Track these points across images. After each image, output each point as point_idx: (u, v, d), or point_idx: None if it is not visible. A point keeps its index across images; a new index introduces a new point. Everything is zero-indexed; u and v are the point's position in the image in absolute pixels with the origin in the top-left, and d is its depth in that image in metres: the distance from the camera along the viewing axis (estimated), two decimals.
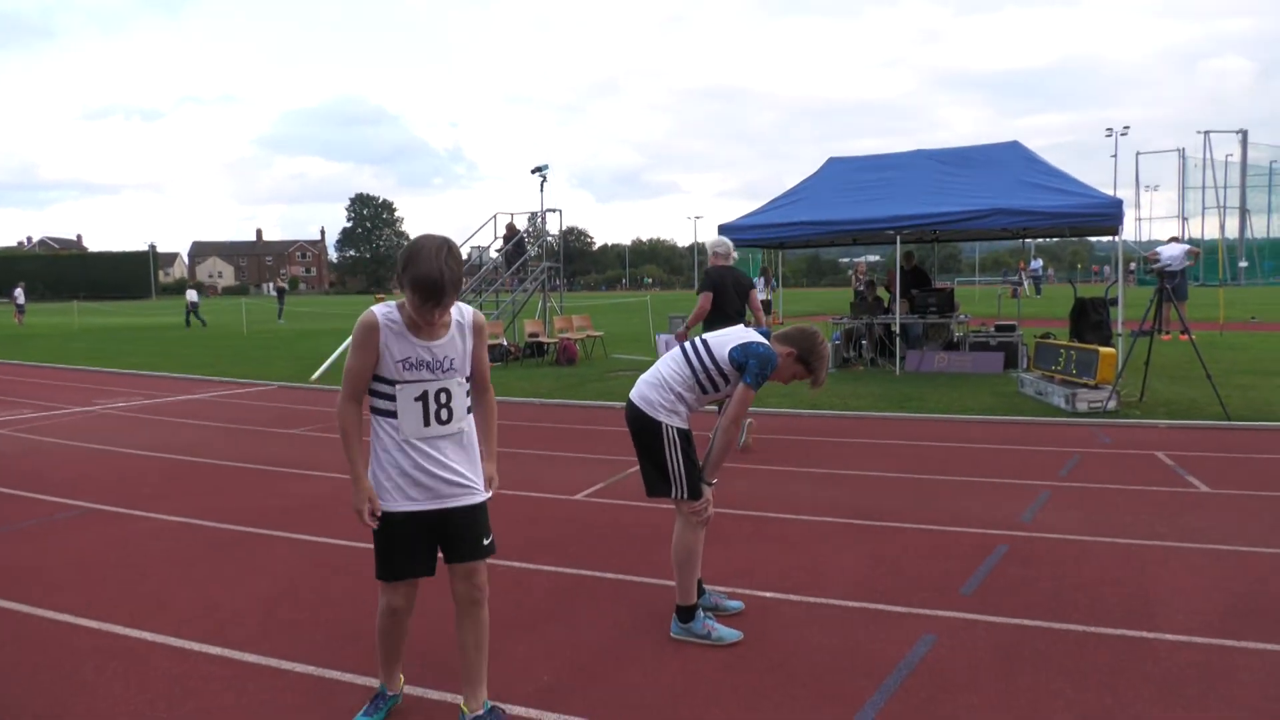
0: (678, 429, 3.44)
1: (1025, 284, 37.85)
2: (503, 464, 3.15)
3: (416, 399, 2.60)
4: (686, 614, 3.48)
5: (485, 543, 2.72)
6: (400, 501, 2.62)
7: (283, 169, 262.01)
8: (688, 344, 3.56)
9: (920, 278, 14.31)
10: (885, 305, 13.62)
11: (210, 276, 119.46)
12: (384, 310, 2.58)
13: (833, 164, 14.18)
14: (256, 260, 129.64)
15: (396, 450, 2.61)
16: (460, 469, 2.67)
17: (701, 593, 3.65)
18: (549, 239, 17.97)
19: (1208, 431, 7.71)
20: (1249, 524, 4.91)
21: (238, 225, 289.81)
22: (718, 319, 6.90)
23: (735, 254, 7.73)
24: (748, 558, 4.51)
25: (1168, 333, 14.14)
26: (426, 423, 2.61)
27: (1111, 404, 8.58)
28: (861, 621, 3.65)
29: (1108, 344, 9.97)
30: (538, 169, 16.43)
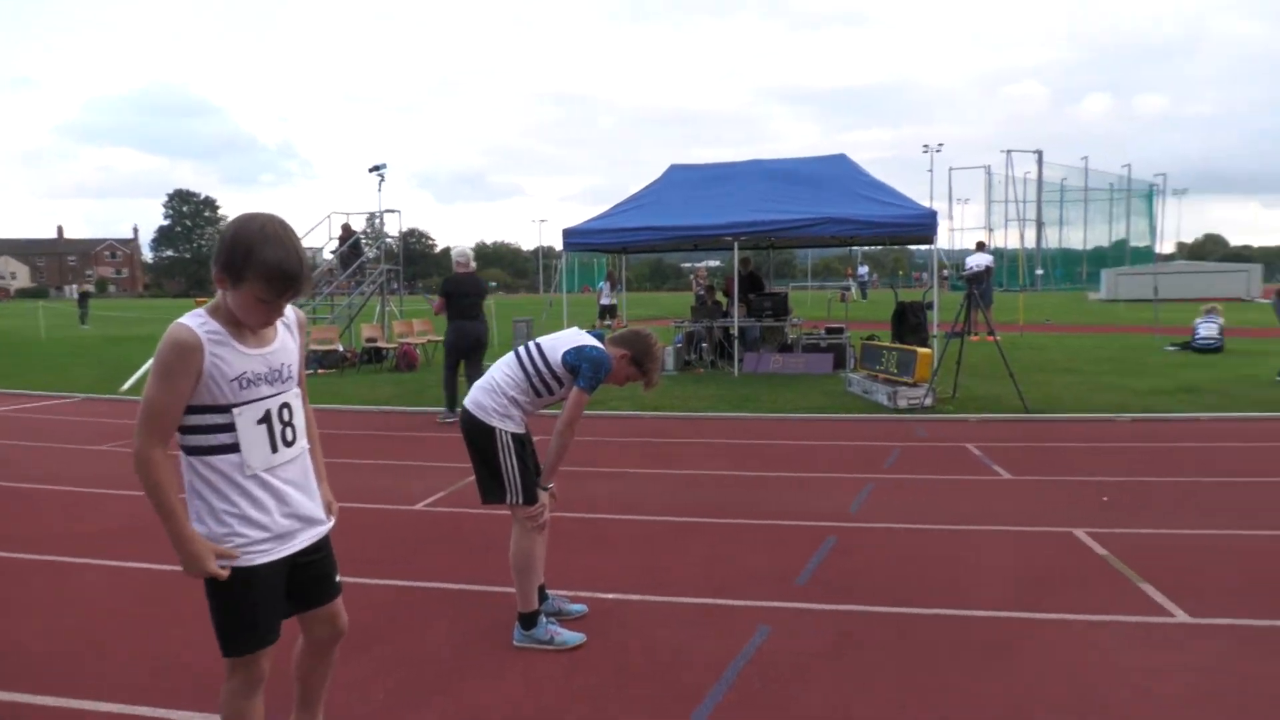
0: (512, 434, 3.40)
1: (853, 289, 40.11)
2: (338, 475, 3.00)
3: (259, 421, 2.14)
4: (529, 621, 3.44)
5: (339, 577, 2.41)
6: (256, 552, 2.14)
7: (89, 161, 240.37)
8: (521, 348, 3.54)
9: (757, 283, 14.88)
10: (724, 309, 14.07)
11: (2, 277, 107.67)
12: (197, 322, 2.06)
13: (674, 171, 14.51)
14: (58, 260, 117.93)
15: (235, 492, 2.12)
16: (308, 498, 2.29)
17: (544, 598, 3.62)
18: (388, 240, 17.38)
19: (1010, 424, 8.43)
20: (1044, 506, 5.40)
21: (36, 221, 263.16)
22: (455, 317, 8.83)
23: (474, 263, 9.24)
24: (591, 560, 4.53)
25: (976, 334, 15.37)
26: (274, 448, 2.17)
27: (928, 400, 9.22)
28: (701, 617, 3.74)
29: (925, 345, 10.73)
30: (375, 168, 15.86)
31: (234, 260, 2.00)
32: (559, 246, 13.06)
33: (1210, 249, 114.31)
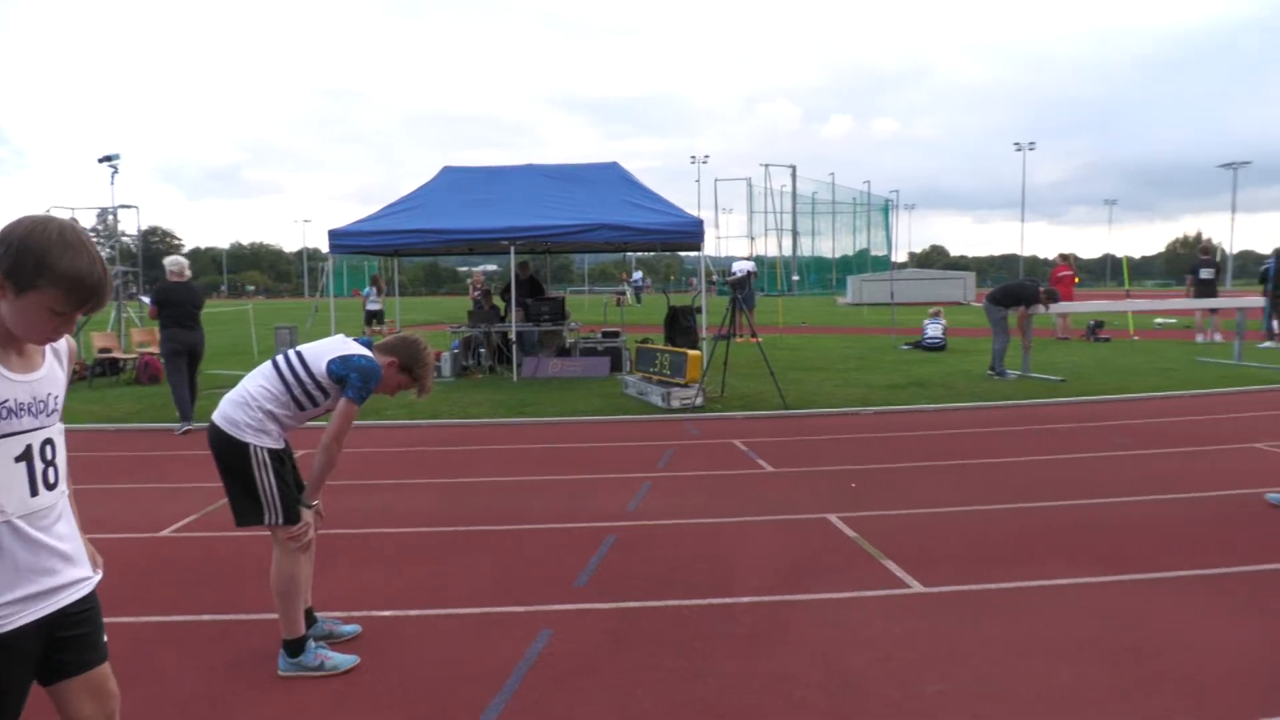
0: (268, 449, 3.18)
1: (628, 293, 41.24)
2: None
3: (19, 459, 1.82)
4: (295, 647, 3.23)
5: (105, 638, 2.04)
6: (10, 614, 1.79)
7: None
8: (280, 356, 3.31)
9: (535, 287, 14.91)
10: (502, 314, 13.97)
11: None
12: None
13: (448, 173, 14.21)
14: None
15: None
16: (71, 548, 1.94)
17: (312, 622, 3.41)
18: (124, 239, 15.63)
19: (771, 419, 9.04)
20: (802, 495, 5.84)
21: None
22: (169, 325, 8.81)
23: (189, 272, 9.23)
24: (365, 577, 4.33)
25: (741, 336, 16.36)
26: (34, 491, 1.84)
27: (699, 400, 9.69)
28: (482, 627, 3.69)
29: (695, 347, 11.26)
30: (106, 158, 14.22)
31: (21, 265, 1.70)
32: (326, 249, 12.36)
33: (935, 258, 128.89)
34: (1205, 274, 17.07)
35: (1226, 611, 3.70)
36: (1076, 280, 19.91)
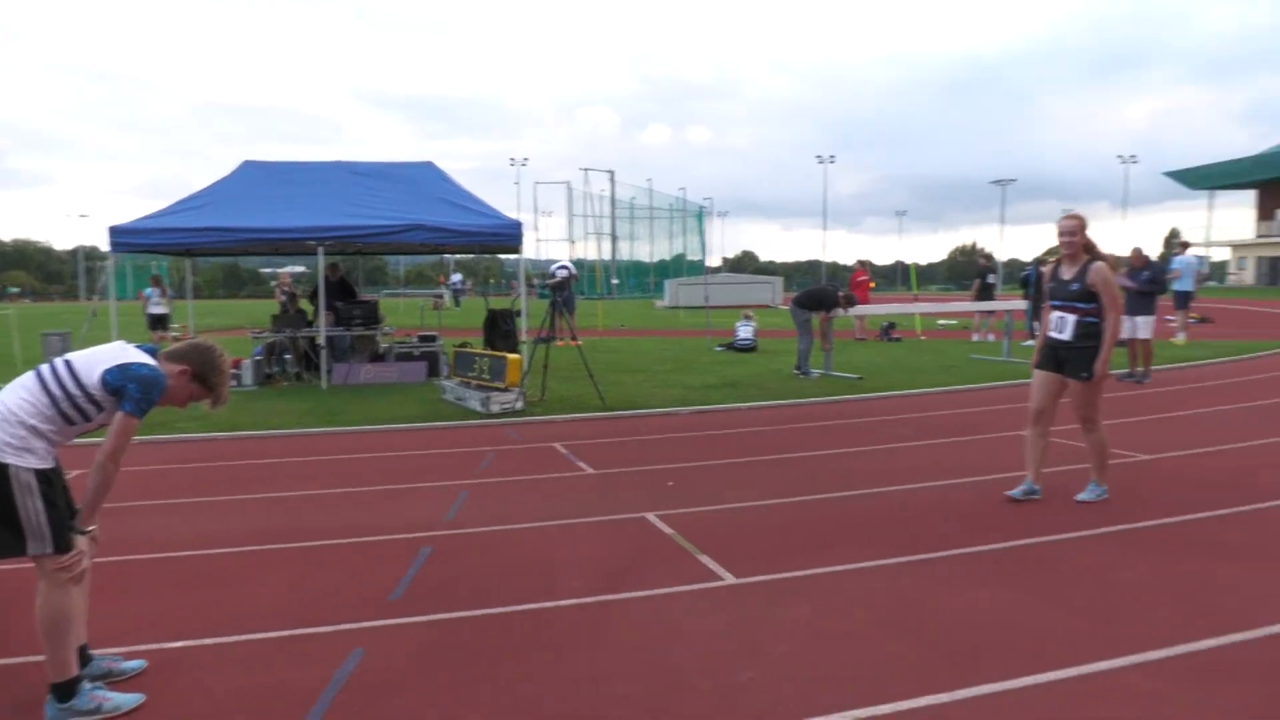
0: (34, 470, 2.84)
1: (446, 297, 40.29)
2: None
3: None
4: (66, 691, 2.90)
5: None
6: None
7: None
8: (45, 366, 2.97)
9: (347, 289, 14.25)
10: (309, 318, 13.25)
11: None
12: None
13: (248, 168, 13.30)
14: None
15: None
16: None
17: (87, 661, 3.08)
18: None
19: (592, 421, 9.12)
20: (622, 495, 5.92)
21: None
22: None
23: None
24: (152, 606, 3.96)
25: (561, 340, 16.40)
26: None
27: (519, 404, 9.61)
28: (285, 651, 3.47)
29: (515, 351, 11.16)
30: None
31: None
32: (105, 246, 11.22)
33: (746, 263, 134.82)
34: (990, 279, 19.13)
35: (996, 584, 4.10)
36: (872, 285, 21.49)
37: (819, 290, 13.28)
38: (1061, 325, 5.41)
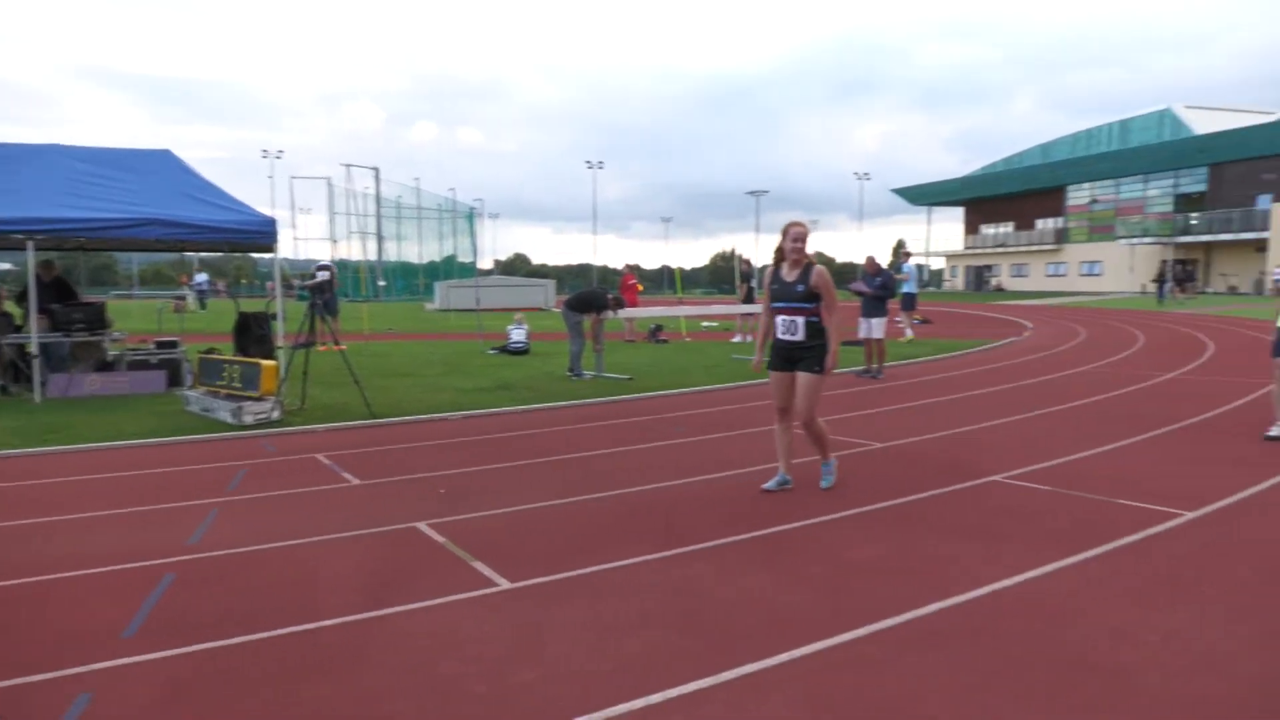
0: None
1: (189, 298, 36.80)
2: None
3: None
4: None
5: None
6: None
7: None
8: None
9: (64, 290, 12.59)
10: (17, 323, 11.57)
11: None
12: None
13: None
14: None
15: None
16: None
17: None
18: None
19: (358, 430, 8.70)
20: (391, 506, 5.70)
21: None
22: None
23: None
24: None
25: (324, 344, 15.49)
26: None
27: (276, 414, 8.97)
28: None
29: (270, 357, 10.39)
30: None
31: None
32: None
33: (519, 265, 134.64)
34: (752, 283, 20.42)
35: (754, 570, 4.39)
36: (641, 288, 22.22)
37: (589, 293, 13.53)
38: (793, 328, 5.84)
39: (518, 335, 16.76)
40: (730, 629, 3.63)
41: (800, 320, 5.82)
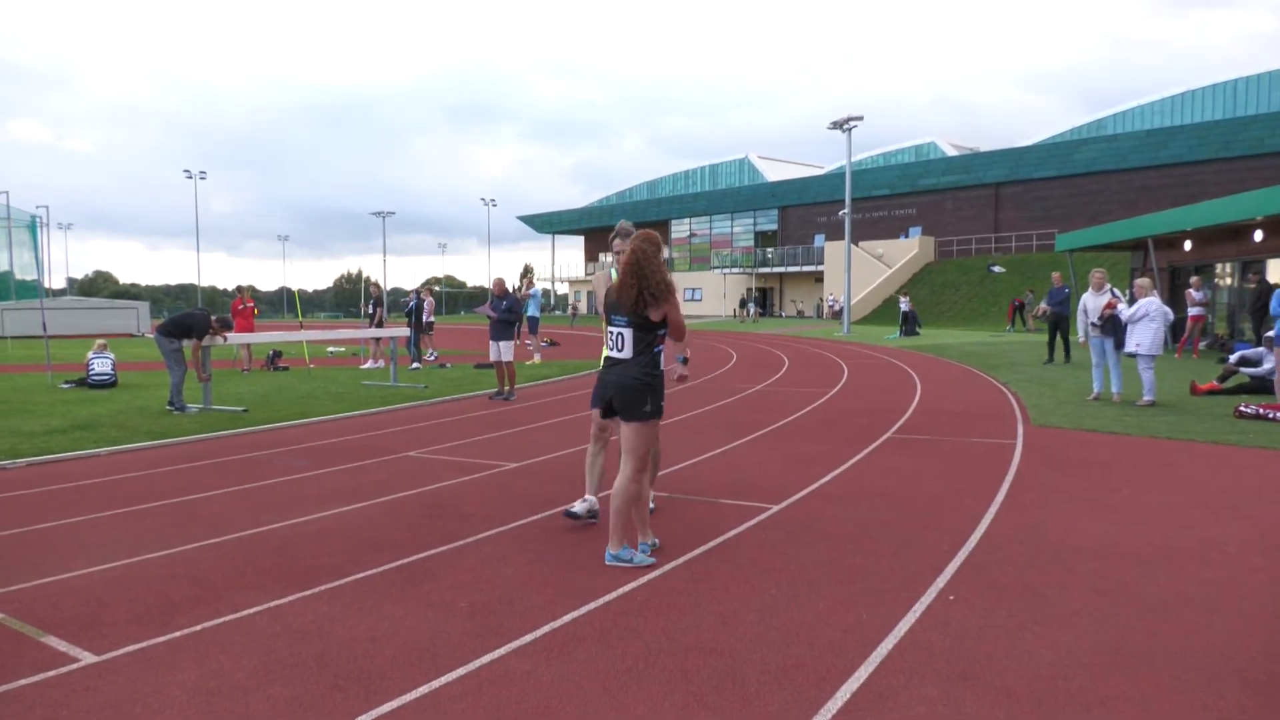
0: None
1: None
2: None
3: None
4: None
5: None
6: None
7: None
8: None
9: None
10: None
11: None
12: None
13: None
14: None
15: None
16: None
17: None
18: None
19: None
20: None
21: None
22: None
23: None
24: None
25: None
26: None
27: None
28: None
29: None
30: None
31: None
32: None
33: (102, 285, 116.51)
34: (371, 309, 19.59)
35: (391, 602, 4.22)
36: (257, 312, 20.37)
37: (188, 315, 12.07)
38: (620, 342, 4.95)
39: (101, 365, 14.43)
40: (368, 667, 3.44)
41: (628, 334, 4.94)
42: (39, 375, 16.09)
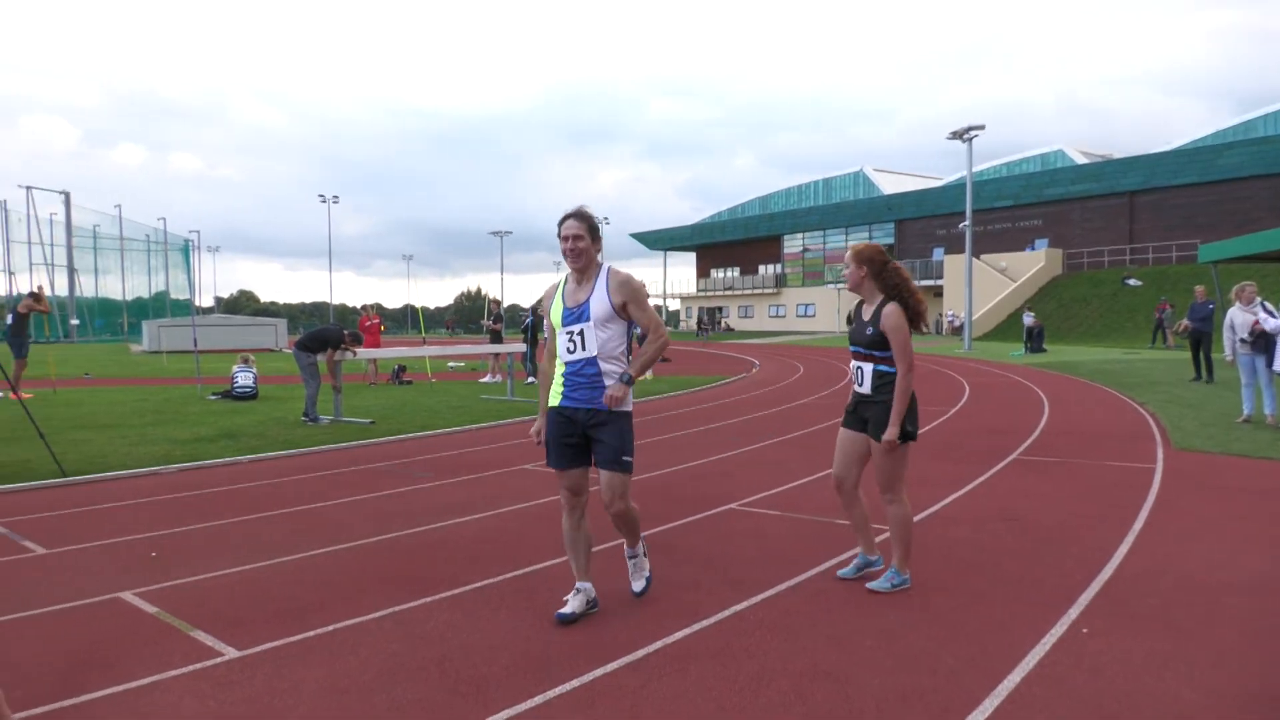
0: None
1: None
2: None
3: None
4: None
5: None
6: None
7: None
8: None
9: None
10: None
11: None
12: None
13: None
14: None
15: None
16: None
17: None
18: None
19: (45, 491, 7.53)
20: (88, 575, 4.97)
21: None
22: None
23: None
24: None
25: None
26: None
27: None
28: None
29: None
30: None
31: None
32: None
33: (244, 303, 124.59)
34: (494, 324, 20.28)
35: (505, 613, 4.32)
36: (383, 328, 21.36)
37: (323, 331, 12.77)
38: (860, 376, 4.63)
39: (244, 379, 15.42)
40: (483, 674, 3.54)
41: (868, 368, 4.57)
42: (190, 387, 17.32)
